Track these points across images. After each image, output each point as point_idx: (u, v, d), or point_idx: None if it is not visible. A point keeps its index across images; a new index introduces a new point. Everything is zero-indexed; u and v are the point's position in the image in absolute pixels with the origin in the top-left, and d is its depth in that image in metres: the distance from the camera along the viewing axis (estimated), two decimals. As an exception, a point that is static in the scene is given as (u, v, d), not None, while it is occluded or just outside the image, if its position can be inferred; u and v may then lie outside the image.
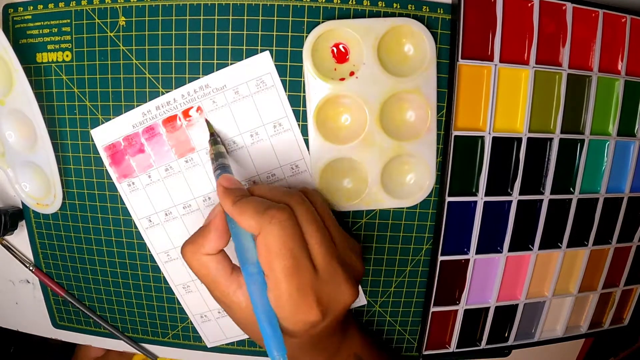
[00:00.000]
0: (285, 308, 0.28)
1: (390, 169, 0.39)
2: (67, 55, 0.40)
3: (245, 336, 0.46)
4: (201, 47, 0.38)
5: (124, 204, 0.42)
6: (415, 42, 0.37)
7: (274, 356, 0.27)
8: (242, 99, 0.38)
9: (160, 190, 0.41)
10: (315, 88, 0.37)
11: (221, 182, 0.32)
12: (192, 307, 0.45)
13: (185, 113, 0.39)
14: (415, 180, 0.40)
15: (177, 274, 0.44)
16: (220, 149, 0.36)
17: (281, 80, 0.38)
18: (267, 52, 0.38)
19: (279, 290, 0.28)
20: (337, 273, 0.30)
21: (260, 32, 0.38)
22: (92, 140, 0.41)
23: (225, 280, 0.30)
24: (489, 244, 0.41)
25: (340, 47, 0.37)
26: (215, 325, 0.45)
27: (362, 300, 0.44)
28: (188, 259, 0.31)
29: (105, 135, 0.41)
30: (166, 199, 0.41)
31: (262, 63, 0.38)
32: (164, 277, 0.44)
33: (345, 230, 0.35)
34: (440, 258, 0.40)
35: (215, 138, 0.38)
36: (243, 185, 0.33)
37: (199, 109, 0.39)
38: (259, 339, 0.32)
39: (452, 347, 0.43)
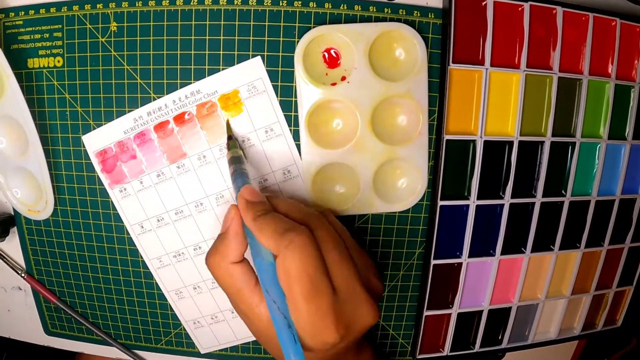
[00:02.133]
0: (305, 329, 0.28)
1: (382, 173, 0.39)
2: (58, 61, 0.40)
3: (239, 342, 0.46)
4: (193, 52, 0.38)
5: (116, 210, 0.42)
6: (406, 47, 0.37)
7: None
8: (233, 104, 0.38)
9: (152, 196, 0.41)
10: (307, 93, 0.37)
11: (243, 194, 0.31)
12: (184, 313, 0.45)
13: (177, 118, 0.39)
14: (408, 185, 0.40)
15: (169, 280, 0.43)
16: (237, 152, 0.36)
17: (273, 85, 0.38)
18: (259, 57, 0.38)
19: (298, 312, 0.28)
20: (358, 294, 0.30)
21: (251, 38, 0.38)
22: (84, 146, 0.41)
23: (249, 290, 0.30)
24: (481, 248, 0.41)
25: (332, 52, 0.37)
26: (208, 331, 0.45)
27: None
28: (213, 269, 0.31)
29: (96, 141, 0.40)
30: (158, 205, 0.41)
31: (254, 68, 0.38)
32: (156, 283, 0.44)
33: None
34: (433, 262, 0.40)
35: (233, 141, 0.37)
36: (264, 198, 0.32)
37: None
38: (277, 353, 0.32)
39: (446, 351, 0.43)
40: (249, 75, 0.38)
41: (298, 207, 0.33)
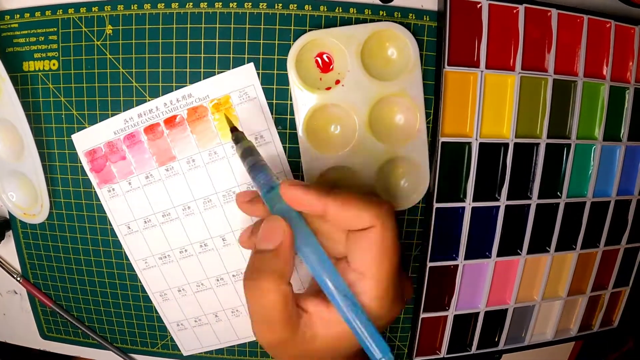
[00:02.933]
0: (384, 307, 0.27)
1: (383, 173, 0.39)
2: (53, 64, 0.40)
3: (223, 345, 0.46)
4: (188, 55, 0.38)
5: (110, 212, 0.42)
6: (398, 46, 0.37)
7: None
8: (224, 110, 0.38)
9: (140, 197, 0.41)
10: (303, 99, 0.37)
11: (288, 182, 0.28)
12: (168, 315, 0.45)
13: (167, 121, 0.39)
14: (410, 183, 0.40)
15: (154, 282, 0.43)
16: (249, 143, 0.33)
17: (268, 88, 0.38)
18: (252, 63, 0.38)
19: (380, 289, 0.26)
20: (404, 273, 0.32)
21: (247, 41, 0.38)
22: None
23: (295, 313, 0.27)
24: (477, 250, 0.41)
25: (324, 56, 0.37)
26: (191, 333, 0.45)
27: None
28: (268, 291, 0.26)
29: (86, 140, 0.40)
30: (146, 207, 0.41)
31: (246, 74, 0.38)
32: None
33: None
34: (429, 264, 0.40)
35: (240, 132, 0.34)
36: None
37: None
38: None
39: (443, 353, 0.43)
40: (241, 81, 0.38)
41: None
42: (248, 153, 0.31)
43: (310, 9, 0.37)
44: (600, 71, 0.40)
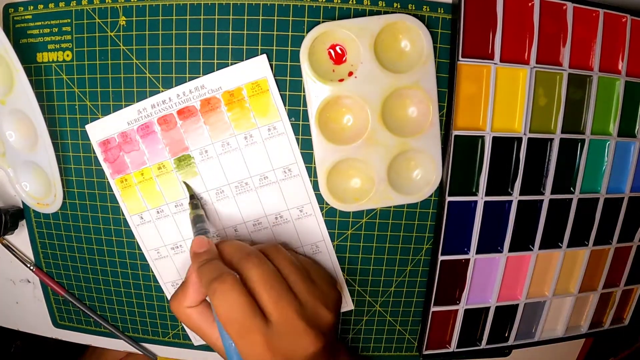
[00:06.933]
0: None
1: (396, 165, 0.39)
2: (67, 55, 0.40)
3: None
4: (201, 46, 0.38)
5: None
6: (411, 38, 0.37)
7: None
8: (237, 101, 0.38)
9: (153, 187, 0.41)
10: (315, 91, 0.37)
11: (192, 245, 0.35)
12: None
13: (180, 112, 0.39)
14: (422, 175, 0.40)
15: (166, 272, 0.44)
16: (199, 212, 0.39)
17: (282, 79, 0.38)
18: (265, 55, 0.38)
19: (238, 348, 0.31)
20: (295, 325, 0.31)
21: (260, 32, 0.38)
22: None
23: (207, 328, 0.34)
24: (489, 244, 0.41)
25: (337, 48, 0.37)
26: None
27: (349, 305, 0.44)
28: (174, 311, 0.34)
29: (99, 130, 0.41)
30: (158, 197, 0.41)
31: (259, 66, 0.38)
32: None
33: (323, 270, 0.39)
34: (441, 258, 0.40)
35: (194, 202, 0.40)
36: (212, 246, 0.35)
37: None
38: None
39: (453, 347, 0.43)
40: (254, 73, 0.38)
41: (239, 249, 0.35)
42: (197, 220, 0.38)
43: (324, 0, 0.37)
44: (615, 66, 0.40)
